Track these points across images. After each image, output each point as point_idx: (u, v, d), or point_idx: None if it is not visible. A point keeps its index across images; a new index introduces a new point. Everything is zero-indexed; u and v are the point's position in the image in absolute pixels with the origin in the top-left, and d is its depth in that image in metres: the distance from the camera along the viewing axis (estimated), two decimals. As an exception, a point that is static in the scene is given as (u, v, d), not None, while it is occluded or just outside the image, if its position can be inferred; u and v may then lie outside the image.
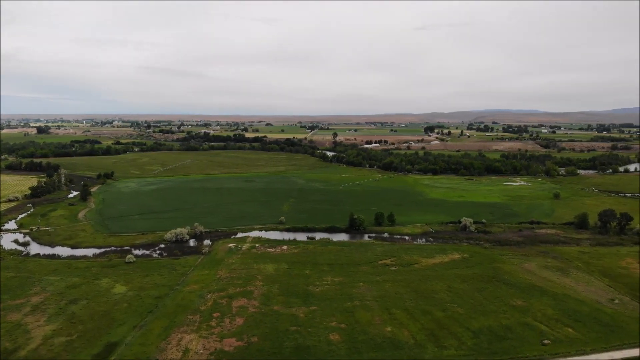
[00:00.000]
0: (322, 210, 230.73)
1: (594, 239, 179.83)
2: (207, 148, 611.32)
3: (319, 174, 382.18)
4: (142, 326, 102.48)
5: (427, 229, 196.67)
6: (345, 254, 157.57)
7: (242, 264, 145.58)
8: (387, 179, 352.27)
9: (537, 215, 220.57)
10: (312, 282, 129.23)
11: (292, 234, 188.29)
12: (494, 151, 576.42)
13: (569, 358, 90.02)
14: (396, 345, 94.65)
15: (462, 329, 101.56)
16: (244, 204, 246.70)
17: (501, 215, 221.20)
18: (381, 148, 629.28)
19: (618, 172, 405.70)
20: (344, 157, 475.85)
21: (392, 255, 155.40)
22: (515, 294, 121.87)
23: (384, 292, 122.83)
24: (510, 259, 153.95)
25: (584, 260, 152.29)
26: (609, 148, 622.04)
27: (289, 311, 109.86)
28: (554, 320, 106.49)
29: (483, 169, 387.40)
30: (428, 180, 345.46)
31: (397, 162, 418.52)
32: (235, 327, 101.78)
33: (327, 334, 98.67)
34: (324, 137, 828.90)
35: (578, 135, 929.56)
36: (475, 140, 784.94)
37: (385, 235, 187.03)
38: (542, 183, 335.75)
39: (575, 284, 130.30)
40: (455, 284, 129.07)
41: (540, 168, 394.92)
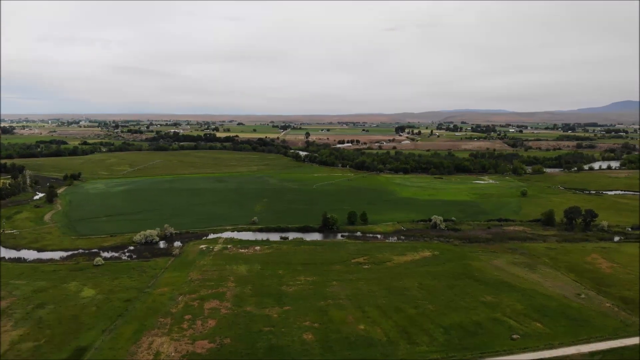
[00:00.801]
0: (295, 210, 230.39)
1: (560, 236, 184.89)
2: (177, 148, 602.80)
3: (292, 173, 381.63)
4: (112, 330, 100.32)
5: (399, 227, 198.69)
6: (318, 253, 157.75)
7: (214, 266, 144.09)
8: (360, 178, 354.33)
9: (505, 213, 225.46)
10: (285, 282, 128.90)
11: (265, 234, 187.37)
12: (463, 150, 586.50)
13: (537, 352, 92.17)
14: (369, 343, 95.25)
15: (434, 326, 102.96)
16: (215, 205, 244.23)
17: (470, 213, 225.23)
18: (353, 148, 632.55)
19: (583, 170, 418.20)
20: (316, 157, 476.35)
21: (365, 254, 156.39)
22: (485, 290, 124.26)
23: (357, 290, 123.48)
24: (480, 255, 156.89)
25: (551, 256, 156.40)
26: (574, 147, 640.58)
27: (262, 312, 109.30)
28: (522, 315, 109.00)
29: (452, 168, 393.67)
30: (399, 179, 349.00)
31: (369, 162, 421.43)
32: (207, 329, 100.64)
33: (301, 334, 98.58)
34: (296, 137, 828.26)
35: (544, 135, 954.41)
36: (445, 139, 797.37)
37: (358, 234, 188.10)
38: (509, 181, 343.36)
39: (543, 280, 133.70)
40: (426, 281, 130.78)
41: (508, 167, 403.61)
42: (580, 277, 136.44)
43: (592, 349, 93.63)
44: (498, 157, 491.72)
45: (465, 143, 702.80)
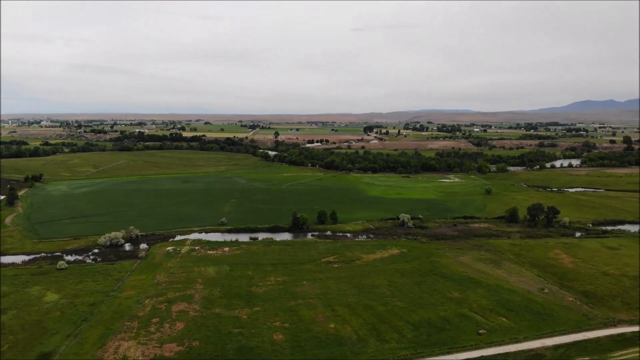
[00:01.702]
0: (265, 210, 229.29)
1: (523, 232, 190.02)
2: (142, 148, 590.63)
3: (261, 173, 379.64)
4: (77, 335, 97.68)
5: (368, 225, 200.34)
6: (288, 253, 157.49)
7: (182, 268, 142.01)
8: (329, 178, 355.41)
9: (470, 210, 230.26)
10: (255, 283, 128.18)
11: (234, 235, 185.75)
12: (429, 150, 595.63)
13: (503, 347, 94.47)
14: (339, 341, 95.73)
15: (403, 322, 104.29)
16: (182, 206, 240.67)
17: (437, 211, 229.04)
18: (323, 147, 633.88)
19: (545, 168, 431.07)
20: (286, 157, 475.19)
21: (335, 253, 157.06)
22: (452, 286, 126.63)
23: (327, 289, 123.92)
24: (446, 252, 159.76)
25: (515, 252, 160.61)
26: (537, 146, 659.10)
27: (232, 313, 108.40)
28: (488, 310, 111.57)
29: (419, 167, 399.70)
30: (368, 179, 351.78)
31: (338, 161, 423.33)
32: (175, 332, 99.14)
33: (271, 334, 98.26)
34: (265, 137, 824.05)
35: (508, 134, 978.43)
36: (412, 139, 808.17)
37: (328, 233, 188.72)
38: (474, 179, 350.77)
39: (508, 275, 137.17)
40: (395, 279, 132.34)
41: (473, 165, 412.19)
42: (544, 272, 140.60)
43: (556, 342, 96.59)
44: (463, 156, 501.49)
45: (432, 142, 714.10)
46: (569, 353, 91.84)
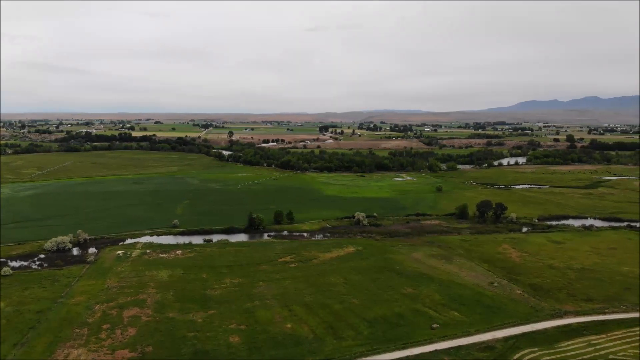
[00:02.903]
0: (219, 211, 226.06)
1: (473, 228, 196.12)
2: (90, 148, 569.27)
3: (215, 173, 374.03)
4: (24, 343, 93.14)
5: (324, 224, 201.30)
6: (244, 254, 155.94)
7: (133, 272, 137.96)
8: (286, 178, 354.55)
9: (422, 208, 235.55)
10: (210, 286, 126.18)
11: (188, 237, 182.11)
12: (383, 149, 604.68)
13: (456, 340, 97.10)
14: (296, 341, 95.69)
15: (359, 320, 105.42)
16: (132, 208, 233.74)
17: (391, 209, 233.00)
18: (278, 147, 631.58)
19: (493, 166, 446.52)
20: (241, 156, 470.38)
21: (292, 253, 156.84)
22: (406, 282, 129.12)
23: (284, 289, 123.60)
24: (400, 249, 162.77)
25: (465, 248, 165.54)
26: (485, 144, 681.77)
27: (186, 317, 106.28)
28: (441, 305, 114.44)
29: (373, 166, 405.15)
30: (324, 178, 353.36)
31: (294, 161, 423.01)
32: (127, 337, 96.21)
33: (227, 337, 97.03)
34: (219, 136, 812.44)
35: (457, 133, 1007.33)
36: (366, 139, 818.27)
37: (285, 233, 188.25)
38: (426, 178, 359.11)
39: (459, 270, 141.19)
40: (351, 276, 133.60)
41: (424, 164, 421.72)
42: (493, 266, 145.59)
43: (506, 334, 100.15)
44: (415, 155, 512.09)
45: (385, 142, 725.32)
46: (518, 344, 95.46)
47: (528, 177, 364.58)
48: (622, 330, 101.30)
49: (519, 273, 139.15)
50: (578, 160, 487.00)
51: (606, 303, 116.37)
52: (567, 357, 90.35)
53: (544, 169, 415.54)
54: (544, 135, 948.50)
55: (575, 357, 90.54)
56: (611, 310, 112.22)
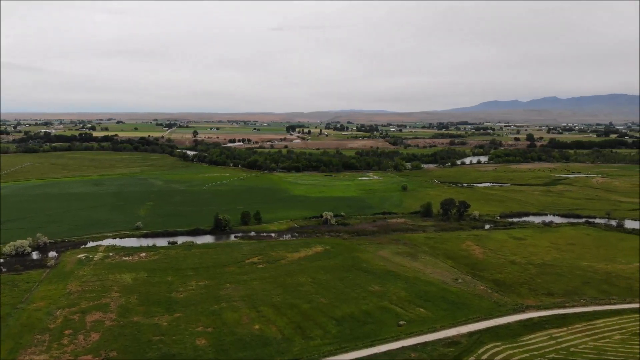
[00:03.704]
0: (184, 213, 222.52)
1: (437, 226, 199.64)
2: (49, 149, 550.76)
3: (180, 174, 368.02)
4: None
5: (292, 224, 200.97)
6: (210, 256, 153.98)
7: (95, 276, 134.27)
8: (253, 178, 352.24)
9: (388, 207, 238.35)
10: (175, 289, 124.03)
11: (151, 239, 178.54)
12: (350, 149, 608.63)
13: (422, 336, 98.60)
14: (264, 342, 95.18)
15: (327, 319, 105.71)
16: (93, 210, 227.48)
17: (358, 208, 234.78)
18: (245, 147, 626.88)
19: (456, 165, 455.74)
20: (206, 156, 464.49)
21: (259, 253, 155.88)
22: (373, 280, 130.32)
23: (252, 290, 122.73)
24: (367, 247, 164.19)
25: (430, 245, 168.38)
26: (448, 144, 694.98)
27: (151, 321, 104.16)
28: (407, 302, 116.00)
29: (341, 166, 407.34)
30: (292, 178, 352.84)
31: (261, 161, 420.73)
32: (90, 343, 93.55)
33: (193, 340, 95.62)
34: (183, 136, 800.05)
35: (421, 133, 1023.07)
36: (333, 138, 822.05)
37: (252, 234, 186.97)
38: (391, 177, 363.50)
39: (424, 267, 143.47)
40: (319, 276, 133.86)
41: (390, 163, 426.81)
42: (457, 263, 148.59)
43: (470, 329, 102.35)
44: (381, 154, 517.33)
45: (352, 142, 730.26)
46: (482, 339, 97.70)
47: (490, 175, 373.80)
48: (582, 324, 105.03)
49: (482, 269, 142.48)
50: (538, 158, 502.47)
51: (566, 297, 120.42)
52: (530, 351, 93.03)
53: (505, 168, 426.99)
54: (505, 134, 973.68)
55: (538, 350, 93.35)
56: (571, 304, 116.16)
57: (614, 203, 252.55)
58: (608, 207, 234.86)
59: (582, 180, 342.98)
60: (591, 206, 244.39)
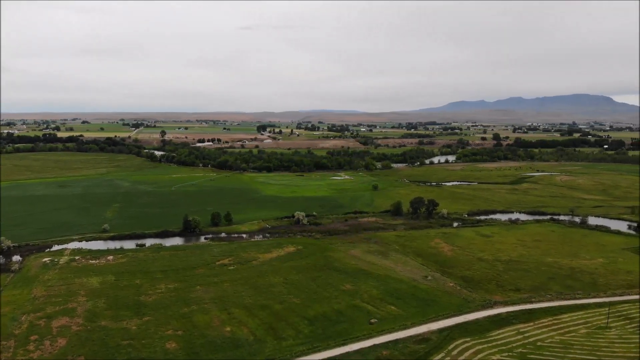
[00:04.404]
0: (152, 214, 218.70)
1: (407, 224, 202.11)
2: (12, 150, 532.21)
3: (148, 175, 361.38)
4: None
5: (264, 225, 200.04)
6: (180, 258, 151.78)
7: (61, 280, 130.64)
8: (223, 178, 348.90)
9: (359, 206, 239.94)
10: (144, 292, 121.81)
11: (119, 242, 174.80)
12: (321, 149, 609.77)
13: (393, 334, 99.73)
14: (236, 343, 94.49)
15: (299, 319, 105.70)
16: (59, 213, 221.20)
17: (329, 208, 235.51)
18: (215, 147, 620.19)
19: (425, 164, 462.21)
20: (174, 157, 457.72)
21: (230, 255, 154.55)
22: (345, 279, 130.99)
23: (223, 292, 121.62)
24: (339, 247, 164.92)
25: (401, 243, 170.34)
26: (417, 143, 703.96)
27: (119, 325, 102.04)
28: (378, 300, 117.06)
29: (312, 166, 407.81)
30: (263, 178, 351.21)
31: (232, 161, 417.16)
32: (57, 348, 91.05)
33: (163, 344, 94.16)
34: (151, 136, 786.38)
35: (391, 133, 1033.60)
36: (305, 138, 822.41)
37: (223, 235, 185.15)
38: (362, 176, 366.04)
39: (395, 265, 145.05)
40: (291, 276, 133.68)
41: (361, 163, 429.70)
42: (427, 260, 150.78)
43: (440, 325, 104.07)
44: (352, 154, 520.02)
45: (323, 142, 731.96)
46: (452, 335, 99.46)
47: (458, 174, 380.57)
48: (548, 318, 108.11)
49: (451, 266, 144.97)
50: (504, 157, 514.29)
51: (533, 292, 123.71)
52: (498, 346, 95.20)
53: (473, 167, 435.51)
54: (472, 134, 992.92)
55: (506, 345, 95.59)
56: (537, 299, 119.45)
57: (578, 200, 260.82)
58: (572, 205, 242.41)
59: (546, 178, 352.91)
60: (555, 203, 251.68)
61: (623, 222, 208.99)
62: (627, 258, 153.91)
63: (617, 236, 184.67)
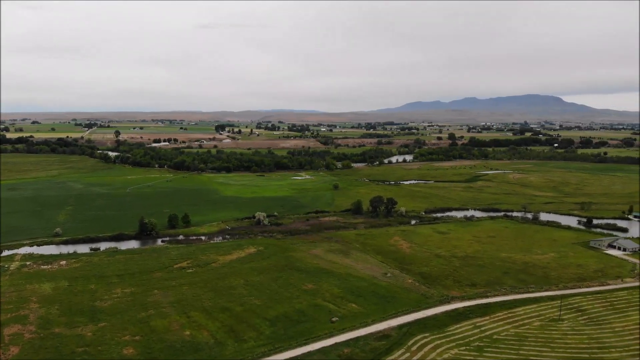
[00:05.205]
0: (107, 217, 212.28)
1: (367, 222, 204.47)
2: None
3: (101, 176, 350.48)
4: None
5: (224, 226, 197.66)
6: (136, 262, 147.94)
7: (12, 286, 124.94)
8: (180, 179, 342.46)
9: (321, 205, 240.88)
10: (99, 297, 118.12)
11: (72, 246, 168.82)
12: (282, 148, 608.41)
13: (354, 331, 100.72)
14: (196, 347, 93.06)
15: (260, 320, 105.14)
16: (7, 217, 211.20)
17: (291, 207, 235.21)
18: (171, 147, 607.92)
19: (383, 163, 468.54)
20: (129, 158, 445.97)
21: (189, 257, 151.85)
22: (306, 279, 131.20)
23: (181, 296, 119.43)
24: (300, 246, 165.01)
25: (361, 242, 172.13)
26: (376, 143, 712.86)
27: (74, 332, 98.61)
28: (339, 298, 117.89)
29: (273, 165, 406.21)
30: (222, 178, 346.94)
31: (189, 161, 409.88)
32: (9, 357, 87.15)
33: (120, 349, 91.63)
34: (104, 136, 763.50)
35: (351, 133, 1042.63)
36: (265, 138, 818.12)
37: (181, 238, 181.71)
38: (323, 176, 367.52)
39: (355, 263, 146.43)
40: (252, 277, 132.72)
41: (322, 163, 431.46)
42: (386, 258, 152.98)
43: (400, 322, 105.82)
44: (313, 154, 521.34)
45: (284, 142, 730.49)
46: (411, 331, 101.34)
47: (415, 173, 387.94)
48: (503, 312, 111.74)
49: (410, 263, 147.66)
50: (459, 156, 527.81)
51: (488, 287, 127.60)
52: (456, 340, 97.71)
53: (429, 165, 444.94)
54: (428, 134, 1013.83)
55: (463, 339, 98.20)
56: (493, 293, 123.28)
57: (530, 197, 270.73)
58: (524, 201, 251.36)
59: (500, 176, 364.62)
60: (509, 200, 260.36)
61: (573, 218, 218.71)
62: (577, 252, 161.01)
63: (567, 231, 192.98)
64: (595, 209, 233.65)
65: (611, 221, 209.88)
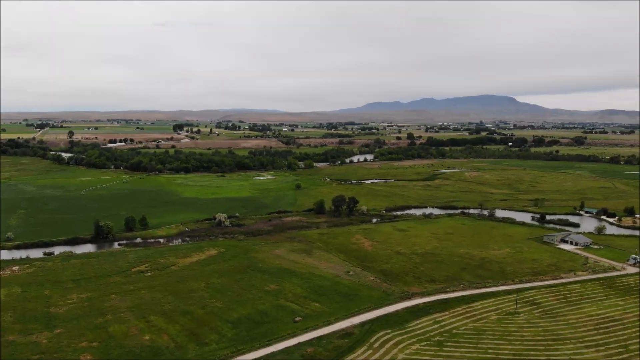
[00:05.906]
0: (61, 221, 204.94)
1: (330, 222, 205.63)
2: None
3: (54, 178, 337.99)
4: None
5: (183, 228, 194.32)
6: (92, 266, 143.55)
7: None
8: (137, 180, 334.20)
9: (283, 205, 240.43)
10: (54, 303, 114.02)
11: (25, 251, 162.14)
12: (243, 148, 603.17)
13: (317, 330, 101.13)
14: (156, 352, 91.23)
15: (222, 322, 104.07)
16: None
17: (253, 208, 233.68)
18: (128, 147, 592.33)
19: (345, 163, 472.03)
20: (83, 159, 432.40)
21: (147, 261, 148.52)
22: (269, 279, 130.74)
23: (140, 300, 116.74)
24: (263, 247, 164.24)
25: (324, 241, 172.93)
26: (337, 143, 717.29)
27: (28, 339, 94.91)
28: (302, 298, 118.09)
29: (234, 166, 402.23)
30: (181, 179, 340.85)
31: (146, 162, 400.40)
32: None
33: (77, 356, 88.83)
34: (57, 137, 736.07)
35: (312, 133, 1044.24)
36: (225, 138, 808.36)
37: (138, 241, 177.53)
38: (285, 176, 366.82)
39: (318, 262, 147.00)
40: (213, 279, 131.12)
41: (284, 162, 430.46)
42: (348, 256, 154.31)
43: (362, 319, 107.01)
44: (274, 154, 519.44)
45: (245, 141, 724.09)
46: (373, 328, 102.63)
47: (375, 172, 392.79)
48: (462, 307, 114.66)
49: (372, 260, 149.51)
50: (418, 155, 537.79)
51: (447, 283, 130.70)
52: (417, 335, 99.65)
53: (389, 165, 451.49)
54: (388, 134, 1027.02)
55: (424, 334, 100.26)
56: (451, 289, 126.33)
57: (486, 195, 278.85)
58: (480, 199, 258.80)
59: (457, 174, 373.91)
60: (466, 198, 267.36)
61: (527, 214, 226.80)
62: (531, 247, 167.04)
63: (522, 227, 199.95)
64: (548, 205, 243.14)
65: (563, 217, 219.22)
